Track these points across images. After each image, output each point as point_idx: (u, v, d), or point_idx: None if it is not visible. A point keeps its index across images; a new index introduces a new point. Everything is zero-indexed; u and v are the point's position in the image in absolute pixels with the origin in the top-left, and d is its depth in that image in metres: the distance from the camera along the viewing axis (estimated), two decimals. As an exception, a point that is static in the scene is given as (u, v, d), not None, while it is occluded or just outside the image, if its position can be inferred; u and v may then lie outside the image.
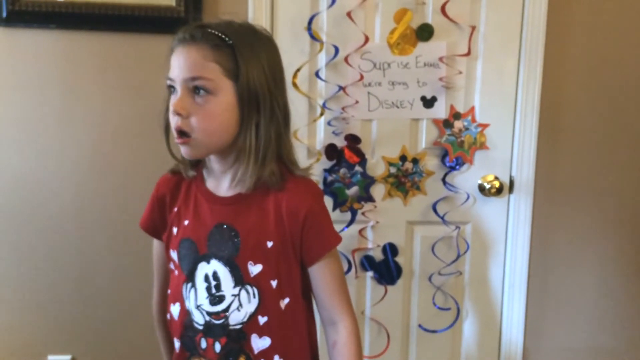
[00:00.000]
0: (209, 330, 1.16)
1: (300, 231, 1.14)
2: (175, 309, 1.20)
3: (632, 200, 1.93)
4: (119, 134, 1.76)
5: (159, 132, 1.72)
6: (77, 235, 1.79)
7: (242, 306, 1.14)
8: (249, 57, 1.07)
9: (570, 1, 1.80)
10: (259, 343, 1.15)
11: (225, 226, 1.14)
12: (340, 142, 1.79)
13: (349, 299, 1.21)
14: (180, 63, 1.06)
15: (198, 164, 1.21)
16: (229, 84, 1.06)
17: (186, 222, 1.18)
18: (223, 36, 1.06)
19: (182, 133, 1.06)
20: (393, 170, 1.83)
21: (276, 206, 1.14)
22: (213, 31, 1.06)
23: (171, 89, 1.09)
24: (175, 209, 1.21)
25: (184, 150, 1.10)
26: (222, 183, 1.17)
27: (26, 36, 1.69)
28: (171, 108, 1.06)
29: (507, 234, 1.91)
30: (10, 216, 1.77)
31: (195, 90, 1.05)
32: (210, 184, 1.18)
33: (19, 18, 1.67)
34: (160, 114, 1.16)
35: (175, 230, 1.20)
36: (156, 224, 1.25)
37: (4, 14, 1.66)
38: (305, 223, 1.13)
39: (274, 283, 1.14)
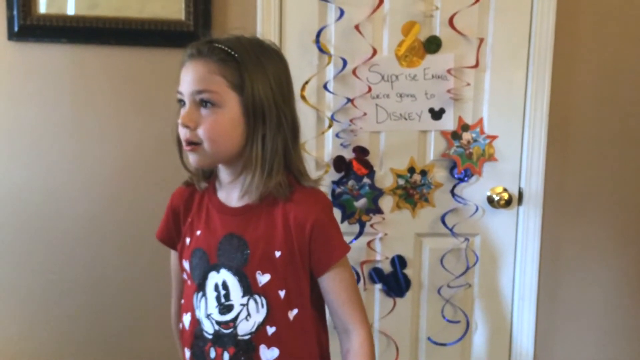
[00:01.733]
0: (218, 339, 1.16)
1: (308, 241, 1.14)
2: (186, 319, 1.21)
3: (642, 211, 1.92)
4: (130, 147, 1.77)
5: (170, 144, 1.74)
6: (88, 247, 1.80)
7: (250, 316, 1.14)
8: (254, 71, 1.09)
9: (577, 13, 1.80)
10: (268, 354, 1.15)
11: (234, 236, 1.16)
12: (348, 154, 1.80)
13: (362, 308, 1.20)
14: (188, 77, 1.10)
15: (210, 176, 1.23)
16: (235, 96, 1.09)
17: (198, 233, 1.20)
18: (229, 50, 1.09)
19: (190, 143, 1.10)
20: (401, 182, 1.83)
21: (284, 217, 1.15)
22: (219, 45, 1.09)
23: (181, 102, 1.12)
24: (189, 220, 1.23)
25: (192, 159, 1.13)
26: (231, 194, 1.18)
27: (37, 50, 1.71)
28: (179, 120, 1.10)
29: (517, 246, 1.90)
30: (21, 228, 1.78)
31: (202, 103, 1.08)
32: (221, 195, 1.20)
33: (31, 32, 1.69)
34: (172, 126, 1.19)
35: (188, 240, 1.22)
36: (172, 235, 1.27)
37: (16, 29, 1.68)
38: (312, 233, 1.14)
39: (282, 293, 1.15)
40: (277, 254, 1.14)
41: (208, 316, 1.16)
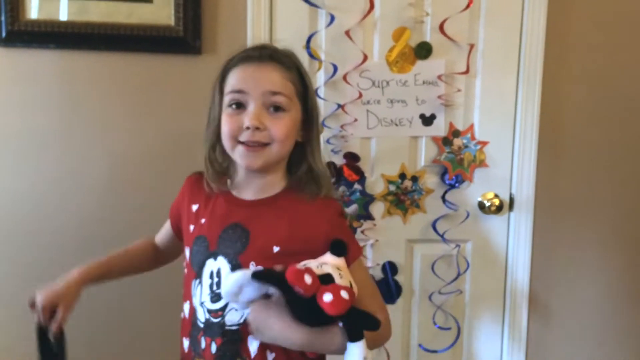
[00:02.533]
0: (208, 328, 1.16)
1: (324, 240, 1.13)
2: (186, 307, 1.22)
3: (633, 216, 1.92)
4: (119, 153, 1.75)
5: (160, 150, 1.73)
6: (77, 254, 1.77)
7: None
8: (309, 81, 1.20)
9: (568, 18, 1.81)
10: (255, 346, 1.14)
11: (239, 226, 1.17)
12: (339, 160, 1.79)
13: (381, 299, 1.22)
14: (258, 77, 1.13)
15: (222, 178, 1.24)
16: (298, 104, 1.17)
17: (203, 221, 1.21)
18: (292, 60, 1.18)
19: (258, 143, 1.12)
20: (392, 188, 1.82)
21: (293, 215, 1.16)
22: (285, 54, 1.18)
23: (232, 105, 1.14)
24: (195, 208, 1.24)
25: (253, 160, 1.13)
26: (246, 190, 1.20)
27: (25, 56, 1.70)
28: (247, 123, 1.11)
29: (508, 252, 1.90)
30: (8, 235, 1.76)
31: (271, 107, 1.12)
32: (234, 190, 1.22)
33: (19, 38, 1.67)
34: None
35: (192, 227, 1.23)
36: (176, 213, 1.32)
37: (4, 34, 1.66)
38: (329, 234, 1.14)
39: None
40: (275, 249, 1.14)
41: (202, 304, 1.16)
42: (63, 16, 1.67)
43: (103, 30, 1.68)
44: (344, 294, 1.00)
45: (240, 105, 1.13)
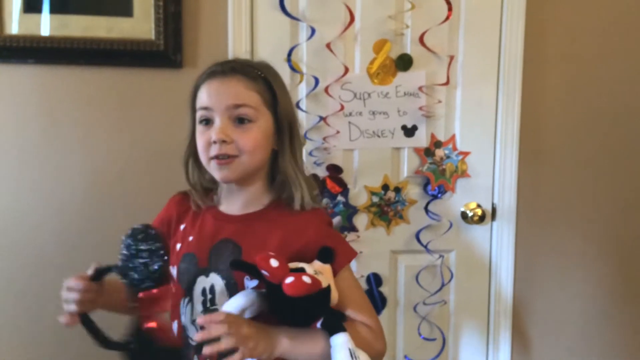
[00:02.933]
0: (201, 347, 1.13)
1: (313, 248, 1.14)
2: (174, 327, 1.20)
3: (614, 223, 1.95)
4: (100, 169, 1.74)
5: (139, 165, 1.72)
6: (56, 273, 1.75)
7: None
8: (280, 88, 1.18)
9: (545, 30, 1.83)
10: None
11: (230, 242, 1.16)
12: (322, 172, 1.79)
13: (371, 307, 1.22)
14: (221, 92, 1.13)
15: (209, 193, 1.25)
16: (267, 112, 1.15)
17: (190, 238, 1.21)
18: (257, 70, 1.16)
19: (226, 156, 1.12)
20: (375, 199, 1.83)
21: (283, 227, 1.16)
22: (249, 65, 1.17)
23: (202, 122, 1.15)
24: (182, 227, 1.24)
25: (223, 173, 1.14)
26: (233, 205, 1.21)
27: (4, 72, 1.68)
28: (213, 137, 1.11)
29: (491, 261, 1.91)
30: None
31: (236, 119, 1.12)
32: (221, 206, 1.22)
33: (-3, 54, 1.65)
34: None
35: (178, 246, 1.22)
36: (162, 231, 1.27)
37: (-18, 50, 1.64)
38: (317, 241, 1.14)
39: None
40: None
41: (193, 322, 1.15)
42: (45, 31, 1.65)
43: (83, 44, 1.66)
44: (305, 278, 1.01)
45: (209, 122, 1.14)
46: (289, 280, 1.00)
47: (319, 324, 1.07)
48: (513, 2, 1.79)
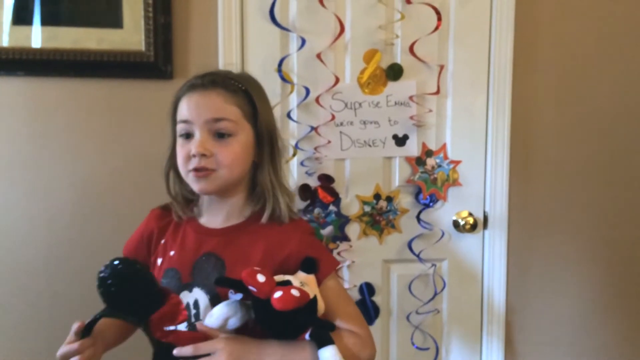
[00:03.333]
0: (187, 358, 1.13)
1: (295, 260, 1.15)
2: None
3: (606, 230, 1.95)
4: (91, 180, 1.73)
5: (129, 177, 1.71)
6: (44, 285, 1.74)
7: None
8: (260, 100, 1.18)
9: (535, 37, 1.85)
10: None
11: (212, 256, 1.16)
12: (313, 182, 1.79)
13: (359, 314, 1.22)
14: (200, 106, 1.13)
15: (190, 204, 1.25)
16: (248, 125, 1.16)
17: (172, 253, 1.20)
18: (237, 82, 1.15)
19: (204, 169, 1.12)
20: (367, 209, 1.83)
21: (266, 240, 1.16)
22: (229, 78, 1.16)
23: (182, 135, 1.15)
24: (163, 241, 1.23)
25: (201, 185, 1.14)
26: (214, 217, 1.20)
27: (-7, 84, 1.68)
28: (193, 150, 1.11)
29: (484, 269, 1.91)
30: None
31: (216, 133, 1.12)
32: (202, 219, 1.22)
33: (-14, 66, 1.65)
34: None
35: (159, 261, 1.21)
36: (139, 254, 1.26)
37: (-29, 63, 1.64)
38: (298, 252, 1.15)
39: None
40: None
41: None
42: (35, 43, 1.65)
43: (73, 56, 1.66)
44: (294, 292, 1.02)
45: (189, 135, 1.14)
46: (278, 294, 1.01)
47: (307, 336, 1.06)
48: (502, 11, 1.80)
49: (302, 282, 1.09)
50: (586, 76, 1.89)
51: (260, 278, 1.02)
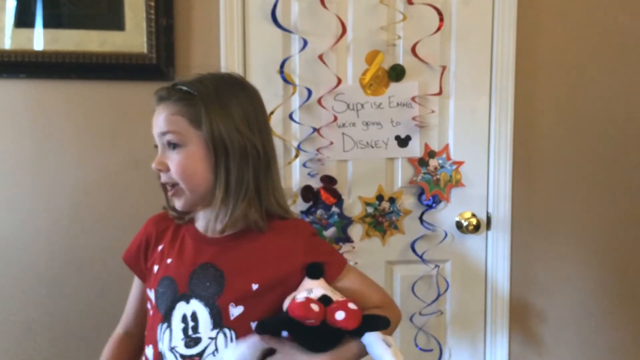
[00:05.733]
0: None
1: (300, 267, 1.13)
2: (149, 351, 1.17)
3: (609, 231, 1.94)
4: (93, 183, 1.73)
5: (131, 179, 1.71)
6: (51, 286, 1.74)
7: (217, 351, 1.10)
8: (212, 105, 1.10)
9: (537, 39, 1.84)
10: None
11: (210, 266, 1.14)
12: (316, 184, 1.79)
13: (383, 291, 1.24)
14: (155, 121, 1.13)
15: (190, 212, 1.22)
16: (197, 133, 1.10)
17: (169, 261, 1.18)
18: (187, 89, 1.11)
19: (170, 185, 1.13)
20: (370, 210, 1.82)
21: (267, 249, 1.14)
22: (179, 86, 1.12)
23: (156, 147, 1.15)
24: (160, 248, 1.21)
25: (177, 204, 1.14)
26: (210, 224, 1.17)
27: (-5, 87, 1.68)
28: (152, 166, 1.12)
29: (487, 270, 1.90)
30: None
31: (169, 144, 1.11)
32: (199, 225, 1.20)
33: (-11, 69, 1.65)
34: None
35: (156, 268, 1.19)
36: (138, 260, 1.25)
37: (-27, 65, 1.64)
38: (306, 257, 1.14)
39: (253, 326, 1.11)
40: (254, 286, 1.11)
41: (172, 349, 1.12)
42: (37, 46, 1.65)
43: (75, 59, 1.66)
44: (351, 306, 1.03)
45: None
46: (341, 316, 1.02)
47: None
48: (504, 11, 1.80)
49: (330, 290, 1.10)
50: (589, 77, 1.89)
51: (315, 307, 1.01)
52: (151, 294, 1.18)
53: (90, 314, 1.76)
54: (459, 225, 1.86)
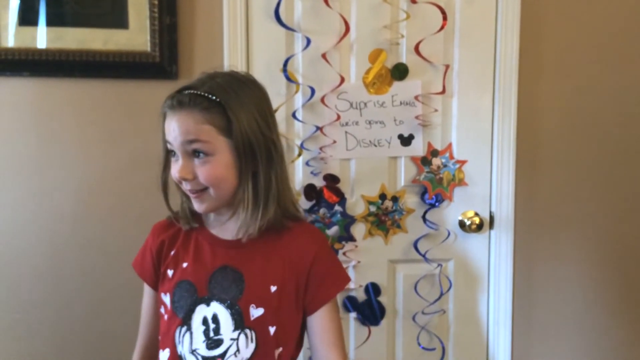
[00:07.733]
0: None
1: (306, 277, 1.16)
2: (164, 355, 1.17)
3: (613, 230, 1.94)
4: (97, 181, 1.73)
5: (136, 178, 1.71)
6: (53, 285, 1.75)
7: (239, 351, 1.12)
8: (238, 110, 1.09)
9: (541, 38, 1.84)
10: None
11: (229, 269, 1.15)
12: (319, 182, 1.79)
13: (345, 351, 1.21)
14: (175, 128, 1.09)
15: (196, 214, 1.22)
16: (225, 141, 1.09)
17: (185, 265, 1.18)
18: (210, 96, 1.08)
19: (196, 191, 1.12)
20: (373, 209, 1.82)
21: (282, 252, 1.16)
22: (199, 93, 1.08)
23: (171, 152, 1.13)
24: (173, 252, 1.21)
25: (199, 206, 1.13)
26: (226, 227, 1.19)
27: (-1, 84, 1.68)
28: (176, 175, 1.10)
29: (490, 269, 1.90)
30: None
31: (194, 153, 1.09)
32: (213, 229, 1.20)
33: (-7, 66, 1.65)
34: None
35: (170, 273, 1.20)
36: (148, 268, 1.25)
37: (-23, 64, 1.64)
38: (312, 268, 1.16)
39: (272, 329, 1.14)
40: (273, 288, 1.13)
41: (193, 351, 1.13)
42: (40, 44, 1.65)
43: (79, 57, 1.67)
44: None
45: (175, 154, 1.12)
46: None
47: None
48: (508, 10, 1.79)
49: None
50: (592, 75, 1.88)
51: None
52: (166, 298, 1.19)
53: (93, 314, 1.77)
54: (461, 224, 1.85)
